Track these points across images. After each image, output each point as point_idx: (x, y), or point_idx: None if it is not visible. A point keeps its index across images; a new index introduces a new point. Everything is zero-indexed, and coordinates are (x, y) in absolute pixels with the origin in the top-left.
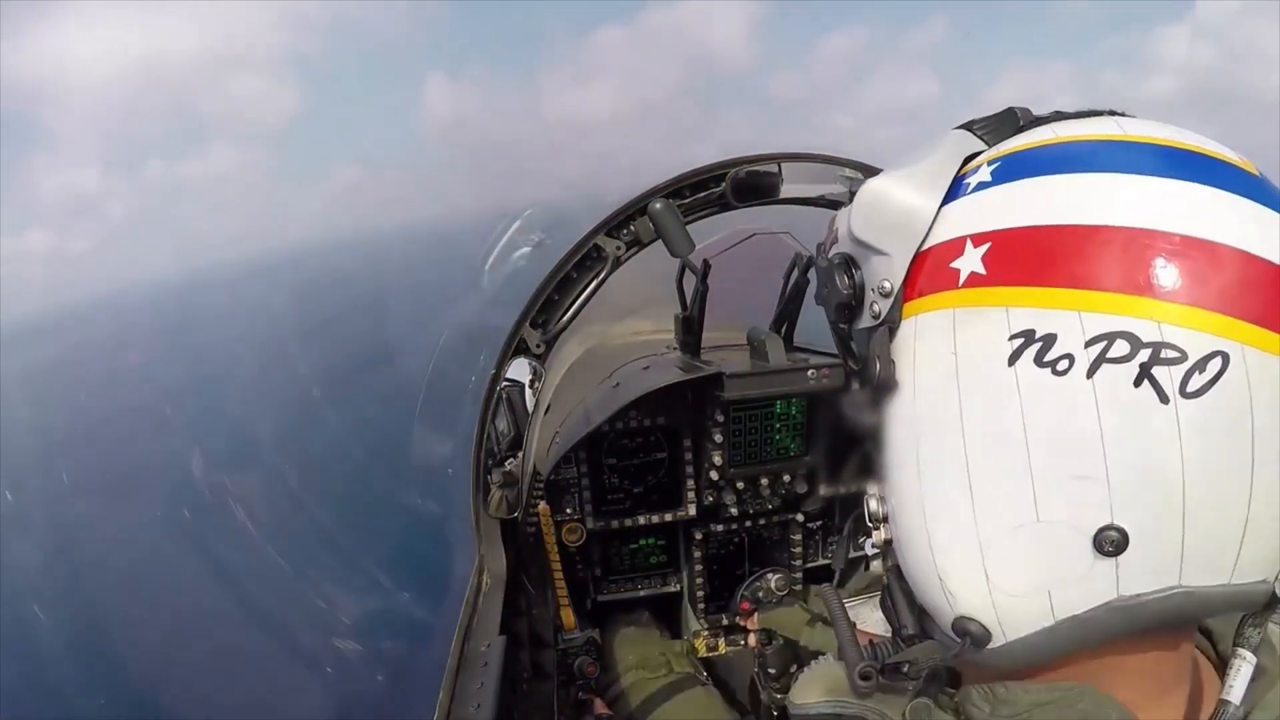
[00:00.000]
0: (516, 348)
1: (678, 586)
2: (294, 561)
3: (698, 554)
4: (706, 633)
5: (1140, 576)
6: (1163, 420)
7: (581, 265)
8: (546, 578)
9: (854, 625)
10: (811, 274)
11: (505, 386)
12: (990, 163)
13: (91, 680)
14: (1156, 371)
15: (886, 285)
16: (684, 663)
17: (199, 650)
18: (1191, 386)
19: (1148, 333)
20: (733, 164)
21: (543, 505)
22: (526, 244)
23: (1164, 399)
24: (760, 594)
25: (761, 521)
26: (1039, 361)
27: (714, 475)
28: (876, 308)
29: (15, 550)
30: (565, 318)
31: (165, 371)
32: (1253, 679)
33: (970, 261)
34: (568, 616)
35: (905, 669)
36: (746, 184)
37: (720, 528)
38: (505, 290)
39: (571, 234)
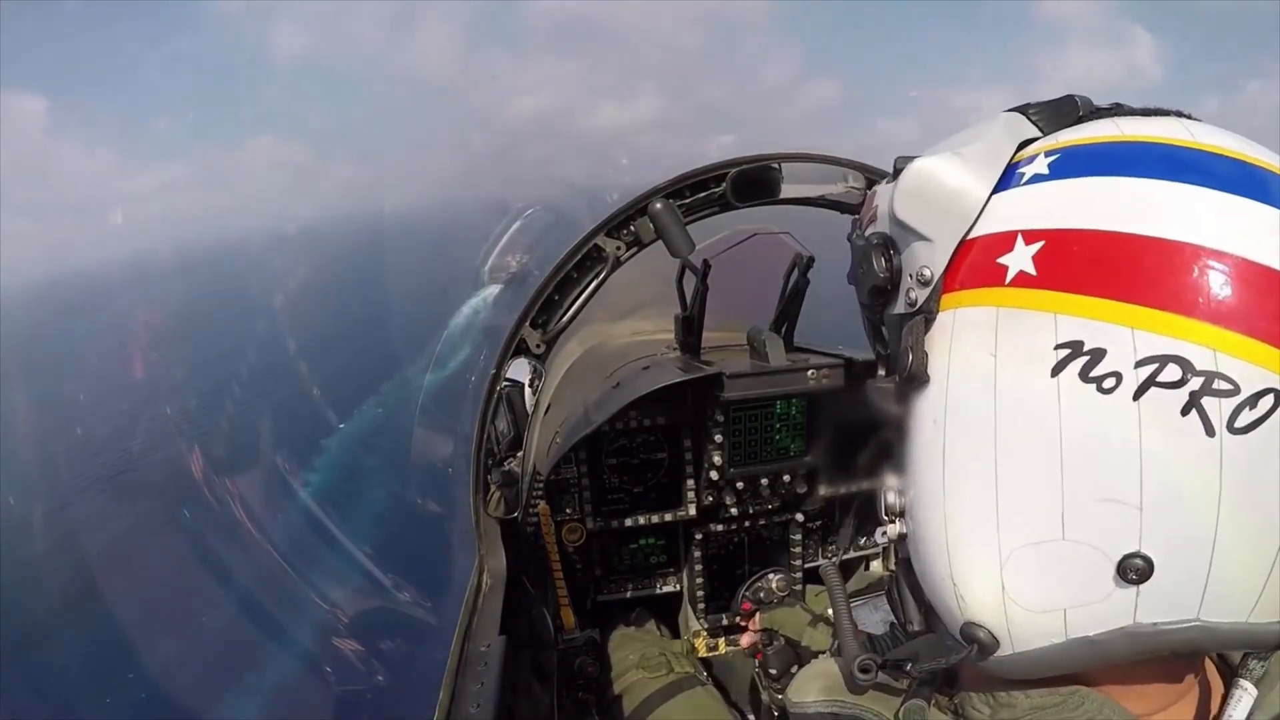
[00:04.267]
0: (516, 348)
1: (678, 586)
2: (294, 562)
3: (698, 554)
4: (706, 633)
5: (1159, 606)
6: (1205, 452)
7: (581, 265)
8: (546, 578)
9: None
10: (812, 274)
11: (505, 386)
12: (1048, 154)
13: (92, 680)
14: (1206, 402)
15: (926, 273)
16: (684, 662)
17: (199, 650)
18: (1240, 422)
19: (1202, 360)
20: (733, 164)
21: (543, 505)
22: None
23: (1210, 431)
24: (761, 594)
25: (761, 521)
26: (1084, 376)
27: (714, 475)
28: (913, 295)
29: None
30: (565, 318)
31: (165, 372)
32: (1260, 682)
33: (1020, 259)
34: (568, 616)
35: (907, 666)
36: (747, 184)
37: (720, 528)
38: (505, 290)
39: (571, 234)
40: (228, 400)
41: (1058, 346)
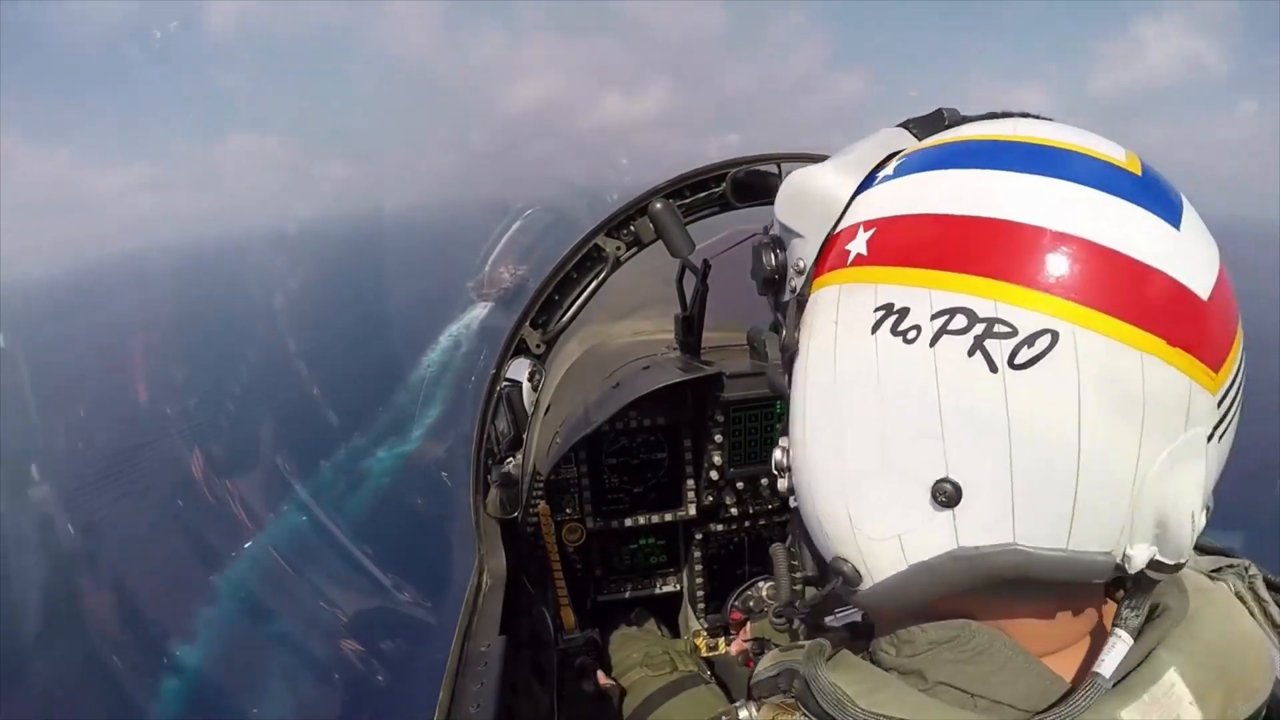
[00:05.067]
0: (516, 348)
1: (677, 586)
2: (294, 562)
3: (698, 554)
4: (706, 632)
5: (976, 531)
6: (991, 386)
7: (581, 265)
8: (546, 578)
9: (793, 579)
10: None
11: (505, 386)
12: (899, 159)
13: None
14: (989, 344)
15: (801, 264)
16: (688, 661)
17: (199, 650)
18: (1020, 359)
19: (984, 309)
20: (733, 164)
21: (543, 505)
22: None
23: (993, 368)
24: (751, 603)
25: (761, 522)
26: (894, 330)
27: (714, 475)
28: (794, 284)
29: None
30: (565, 318)
31: (163, 370)
32: (1158, 617)
33: (858, 244)
34: (568, 616)
35: (807, 613)
36: (746, 184)
37: (720, 528)
38: (505, 290)
39: (571, 234)
40: (228, 402)
41: (875, 309)
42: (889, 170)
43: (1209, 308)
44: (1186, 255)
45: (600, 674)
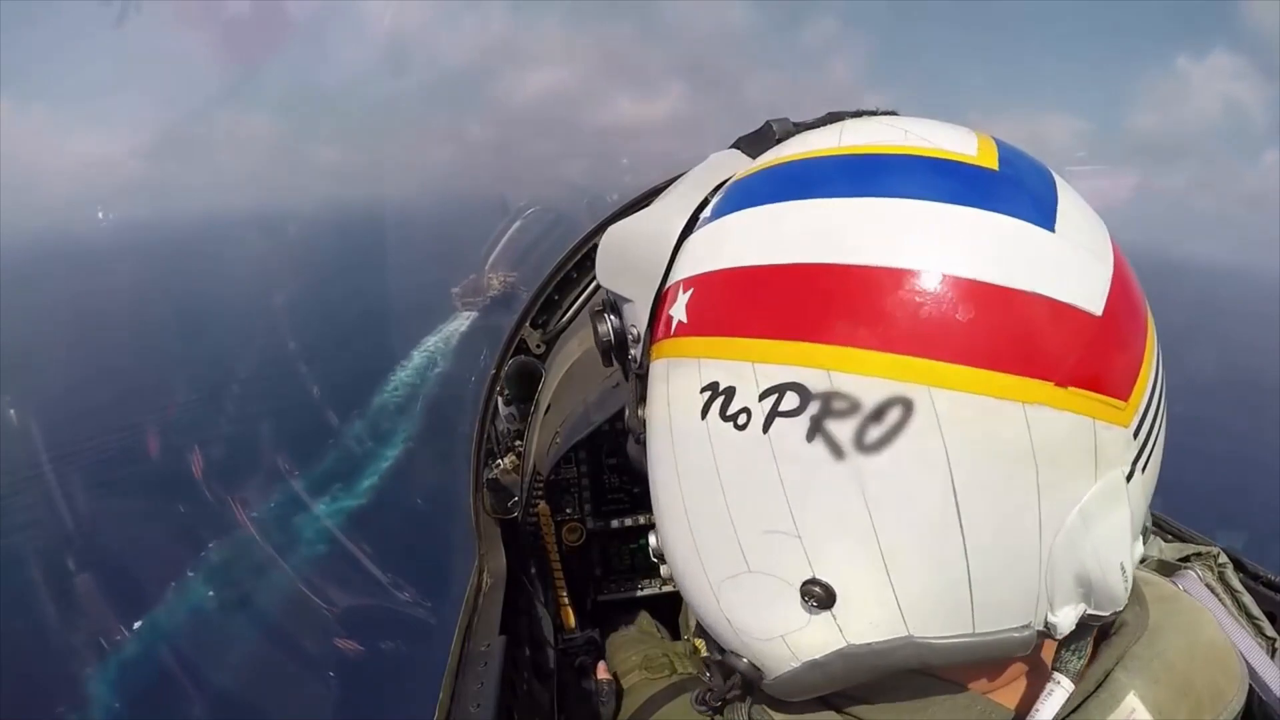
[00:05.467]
0: (516, 348)
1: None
2: (294, 561)
3: None
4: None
5: (862, 627)
6: (840, 475)
7: (581, 265)
8: (547, 578)
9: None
10: None
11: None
12: (721, 191)
13: (91, 680)
14: (829, 425)
15: (634, 331)
16: (687, 663)
17: (198, 650)
18: (869, 439)
19: (817, 383)
20: None
21: (543, 505)
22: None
23: (838, 454)
24: None
25: None
26: (723, 415)
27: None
28: (633, 354)
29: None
30: (565, 318)
31: (162, 369)
32: (1115, 633)
33: (679, 309)
34: (568, 616)
35: (713, 704)
36: None
37: None
38: (493, 298)
39: (571, 234)
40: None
41: (702, 390)
42: (709, 210)
43: (1104, 325)
44: (1064, 265)
45: (601, 666)
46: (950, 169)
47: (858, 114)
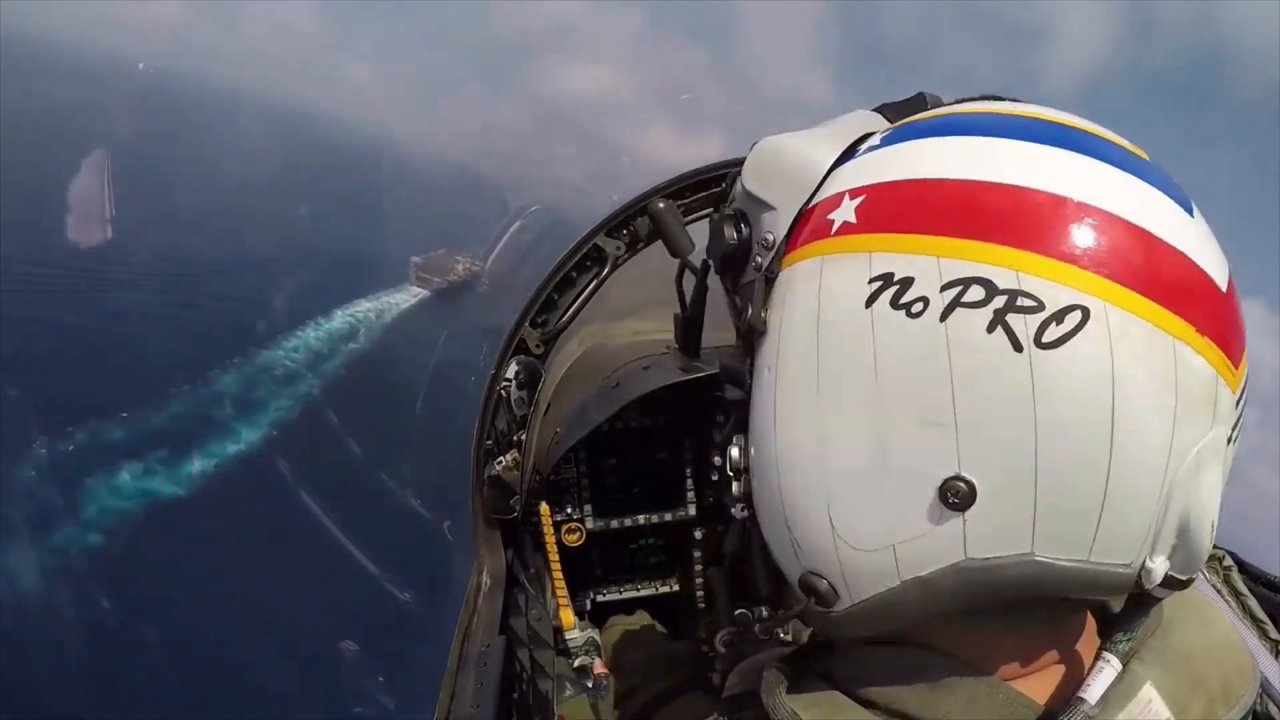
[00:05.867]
0: (516, 348)
1: (677, 587)
2: (293, 561)
3: (698, 554)
4: (706, 634)
5: (989, 539)
6: (1015, 368)
7: (581, 265)
8: (546, 578)
9: (731, 600)
10: None
11: (505, 386)
12: (880, 133)
13: (89, 681)
14: (1011, 319)
15: (769, 238)
16: (688, 664)
17: (198, 650)
18: (1048, 337)
19: (1005, 280)
20: (734, 164)
21: (543, 505)
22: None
23: (1017, 347)
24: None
25: None
26: (894, 304)
27: (714, 475)
28: (759, 259)
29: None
30: (565, 318)
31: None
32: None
33: (844, 212)
34: (567, 616)
35: (762, 635)
36: None
37: (721, 528)
38: (505, 290)
39: (571, 234)
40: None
41: (871, 280)
42: (873, 142)
43: (1228, 299)
44: (1202, 242)
45: (599, 661)
46: (1112, 145)
47: (1016, 100)
